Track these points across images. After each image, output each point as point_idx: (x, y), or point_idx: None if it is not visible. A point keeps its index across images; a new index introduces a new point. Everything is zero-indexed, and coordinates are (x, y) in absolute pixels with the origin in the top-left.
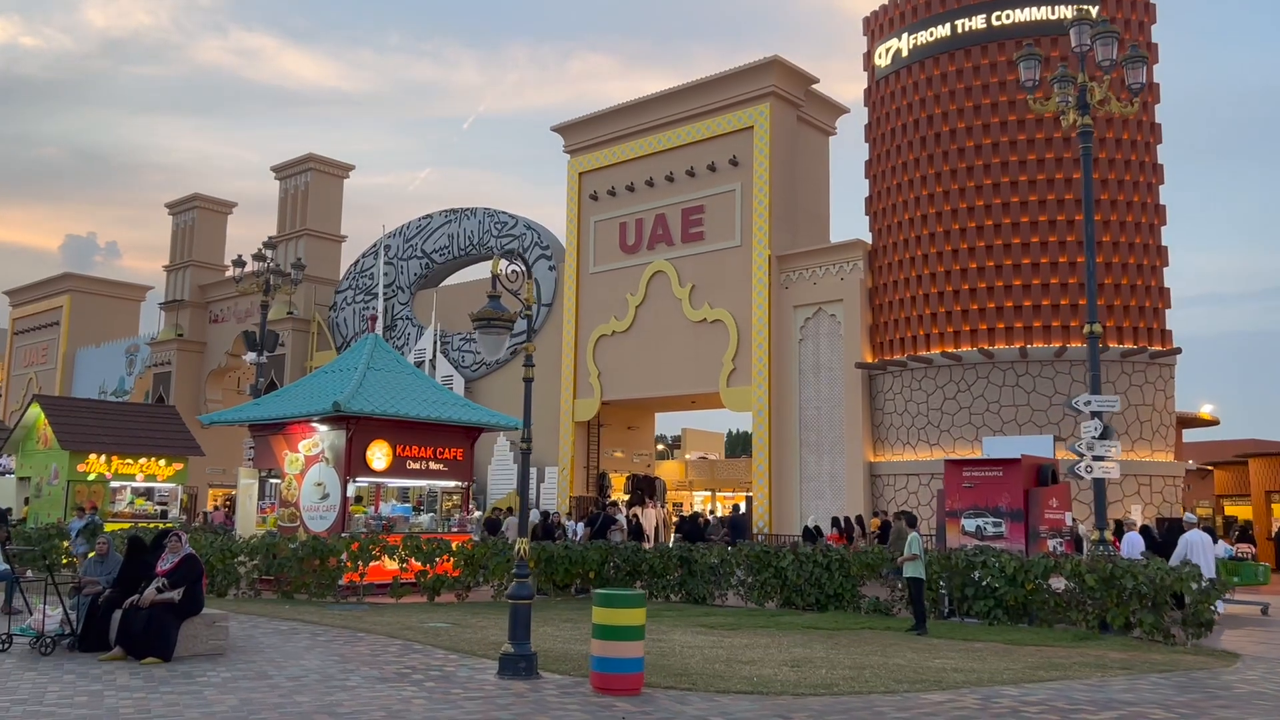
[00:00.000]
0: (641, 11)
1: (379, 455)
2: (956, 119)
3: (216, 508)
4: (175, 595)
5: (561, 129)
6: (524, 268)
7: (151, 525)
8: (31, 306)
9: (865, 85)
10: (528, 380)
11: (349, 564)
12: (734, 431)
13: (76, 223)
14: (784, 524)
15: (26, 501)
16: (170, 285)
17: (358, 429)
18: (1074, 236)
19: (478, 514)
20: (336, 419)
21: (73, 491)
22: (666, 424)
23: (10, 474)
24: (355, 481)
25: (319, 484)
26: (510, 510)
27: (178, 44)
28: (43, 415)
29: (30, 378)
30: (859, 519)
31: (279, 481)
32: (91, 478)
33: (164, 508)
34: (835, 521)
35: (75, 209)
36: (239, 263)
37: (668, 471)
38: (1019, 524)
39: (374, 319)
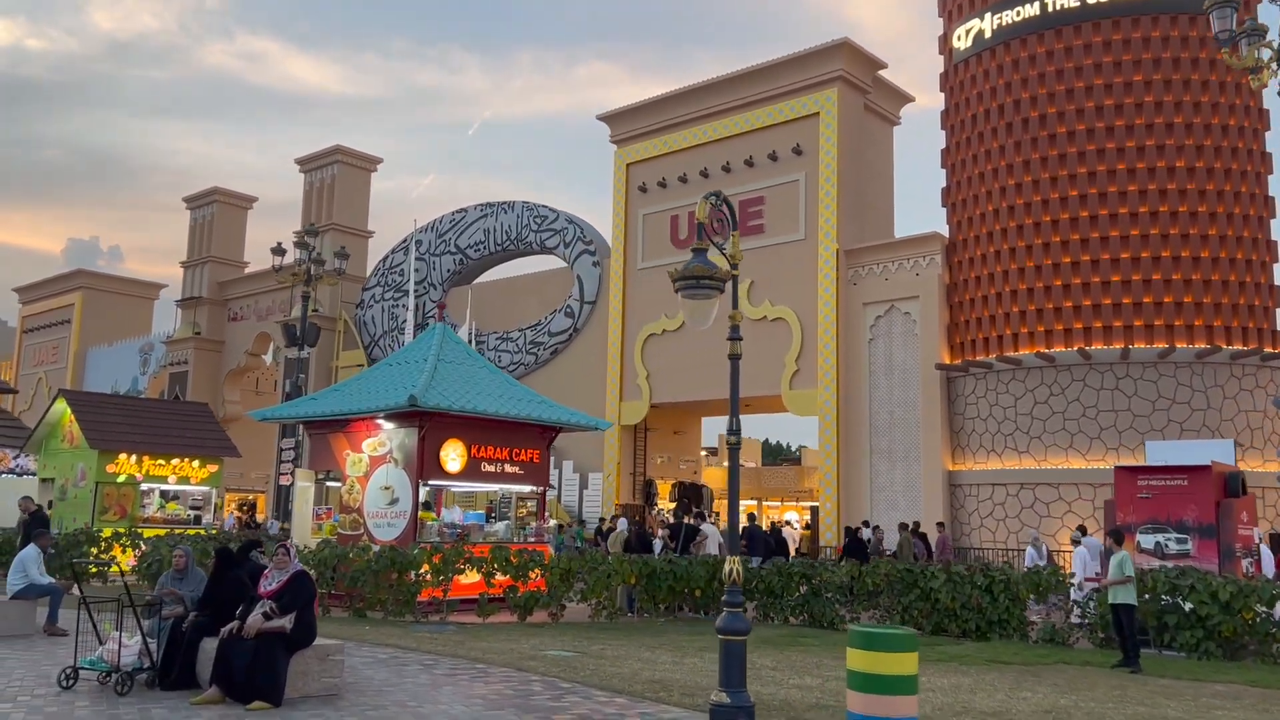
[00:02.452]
0: (647, 18)
1: (453, 456)
2: (1046, 103)
3: (233, 514)
4: (286, 623)
5: (608, 118)
6: (728, 212)
7: (189, 532)
8: (42, 304)
9: (941, 69)
10: (734, 358)
11: (429, 578)
12: (770, 441)
13: (80, 226)
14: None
15: (50, 505)
16: (187, 282)
17: (431, 427)
18: (1176, 229)
19: (553, 522)
20: (406, 416)
21: (101, 494)
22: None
23: (31, 475)
24: (426, 485)
25: (386, 487)
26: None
27: (183, 47)
28: (69, 411)
29: (40, 377)
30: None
31: (338, 485)
32: (121, 479)
33: (197, 513)
34: (849, 532)
35: (78, 212)
36: (278, 250)
37: (709, 480)
38: (1210, 540)
39: (442, 306)
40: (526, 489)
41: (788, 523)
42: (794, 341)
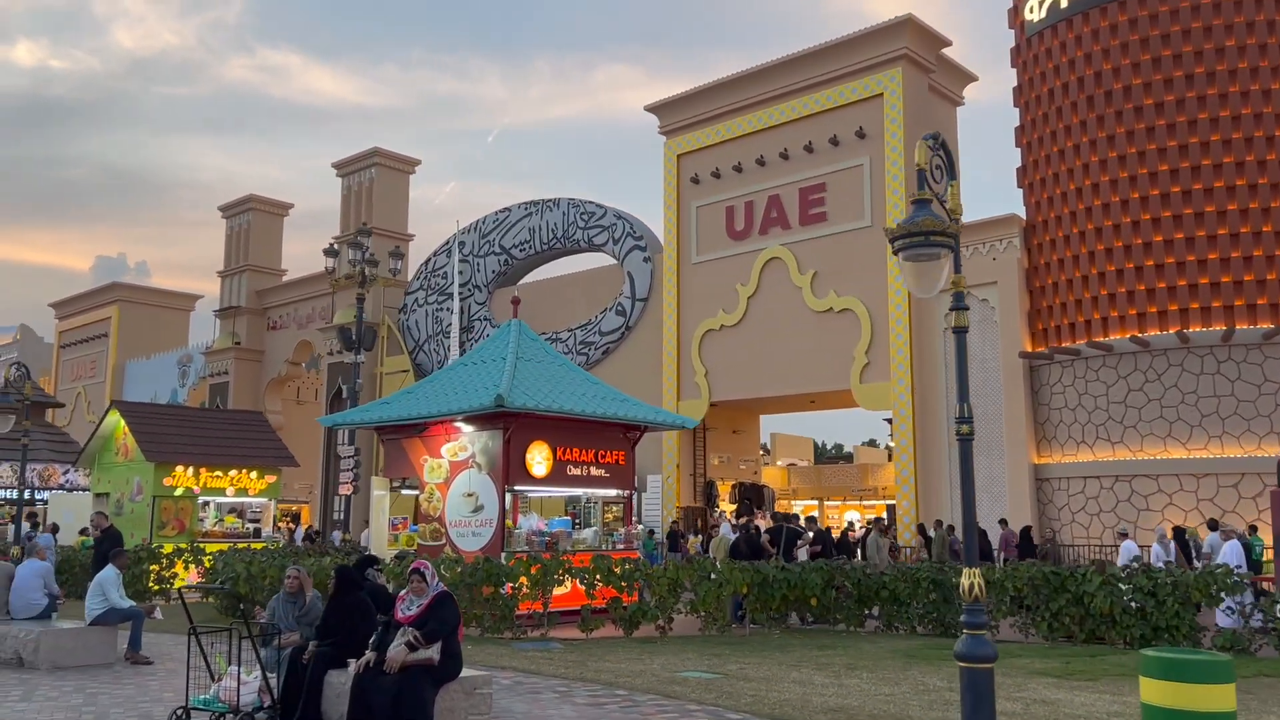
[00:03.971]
0: (662, 21)
1: (539, 459)
2: (1130, 74)
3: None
4: (433, 654)
5: (656, 108)
6: (945, 158)
7: (255, 545)
8: (78, 319)
9: (1013, 43)
10: (959, 330)
11: (525, 590)
12: (820, 444)
13: (107, 243)
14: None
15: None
16: (225, 291)
17: (516, 428)
18: (1278, 202)
19: (640, 527)
20: (489, 418)
21: (159, 508)
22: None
23: (81, 490)
24: (511, 491)
25: (469, 494)
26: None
27: (204, 63)
28: (122, 423)
29: (79, 391)
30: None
31: (415, 493)
32: (179, 493)
33: (256, 525)
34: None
35: (105, 229)
36: (331, 252)
37: (769, 480)
38: None
39: (517, 301)
40: (612, 493)
41: (850, 525)
42: (863, 333)
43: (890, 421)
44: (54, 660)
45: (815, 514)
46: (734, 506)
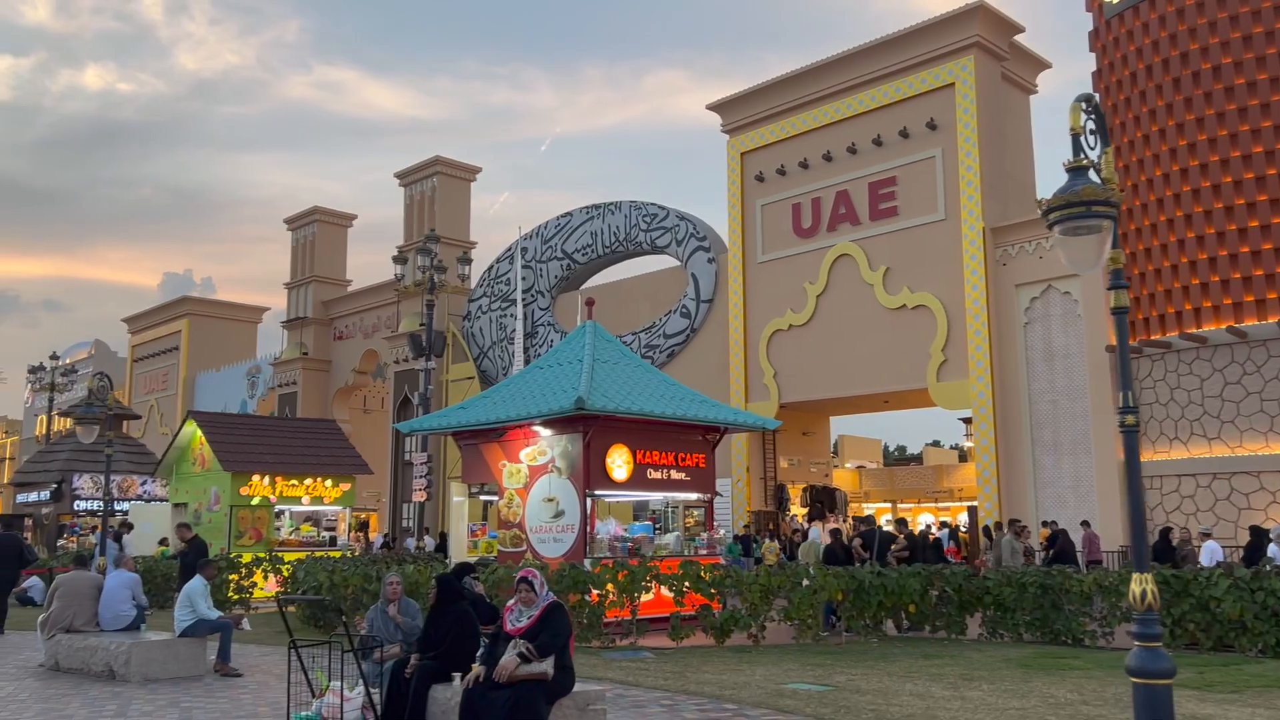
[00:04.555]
0: (712, 25)
1: (619, 463)
2: (1220, 53)
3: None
4: (547, 667)
5: (718, 106)
6: (1098, 121)
7: (333, 554)
8: (150, 333)
9: (1091, 26)
10: (1120, 311)
11: (613, 597)
12: (889, 448)
13: (174, 260)
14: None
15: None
16: (292, 303)
17: (595, 431)
18: None
19: (722, 531)
20: (568, 421)
21: (236, 518)
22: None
23: (159, 501)
24: (592, 495)
25: (549, 499)
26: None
27: (264, 82)
28: (199, 434)
29: (151, 404)
30: (992, 527)
31: (494, 498)
32: (255, 502)
33: (332, 533)
34: (905, 534)
35: (172, 247)
36: (400, 259)
37: (840, 482)
38: None
39: (591, 303)
40: (693, 496)
41: (927, 527)
42: (939, 330)
43: (969, 421)
44: (145, 673)
45: (905, 518)
46: (805, 510)
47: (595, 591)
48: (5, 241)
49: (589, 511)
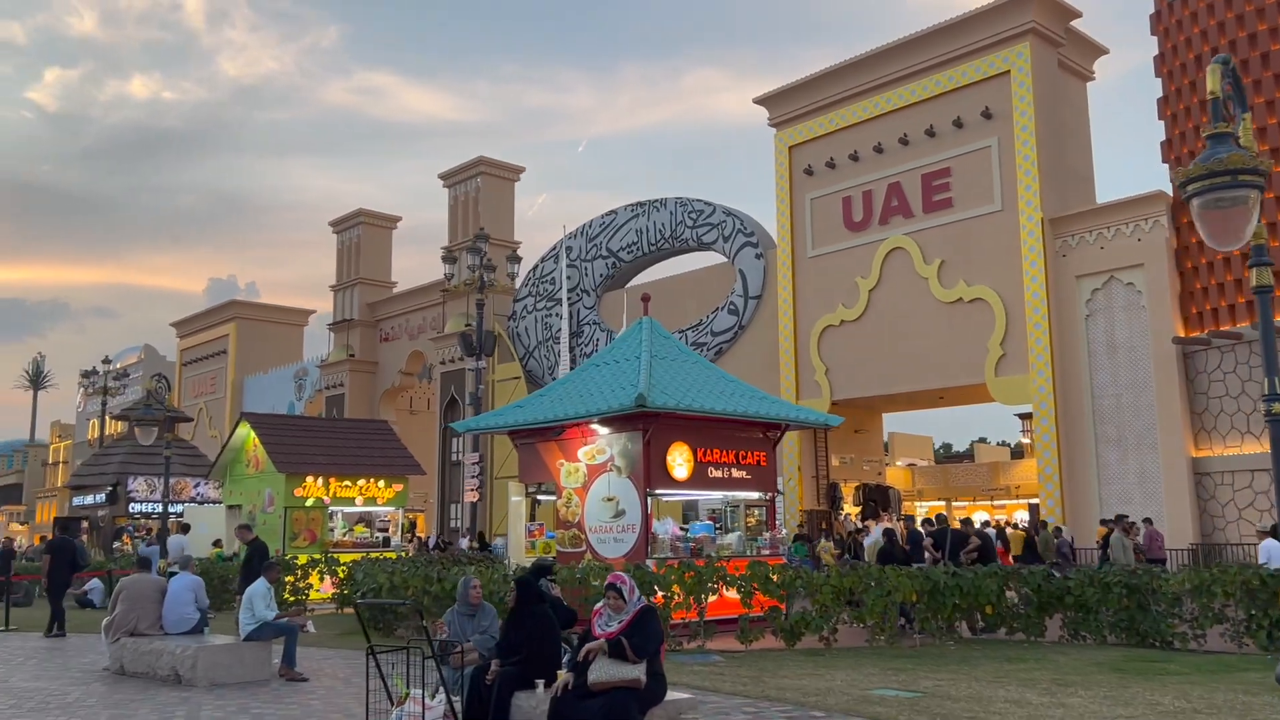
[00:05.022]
0: (749, 23)
1: (680, 462)
2: None
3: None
4: (639, 674)
5: (765, 100)
6: (1235, 86)
7: (387, 555)
8: (198, 336)
9: (1153, 9)
10: (1262, 290)
11: (679, 599)
12: (946, 445)
13: (218, 266)
14: (1082, 534)
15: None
16: (338, 305)
17: (656, 429)
18: None
19: (784, 531)
20: (627, 419)
21: (290, 519)
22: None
23: (212, 503)
24: (653, 494)
25: (609, 499)
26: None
27: (304, 87)
28: (253, 435)
29: (200, 408)
30: (962, 535)
31: (551, 498)
32: (309, 503)
33: (385, 534)
34: (932, 531)
35: (216, 252)
36: (449, 258)
37: (893, 481)
38: None
39: (647, 298)
40: (754, 495)
41: (986, 523)
42: (997, 324)
43: (1028, 417)
44: (211, 677)
45: (976, 516)
46: (858, 509)
47: (660, 593)
48: (56, 250)
49: (649, 511)
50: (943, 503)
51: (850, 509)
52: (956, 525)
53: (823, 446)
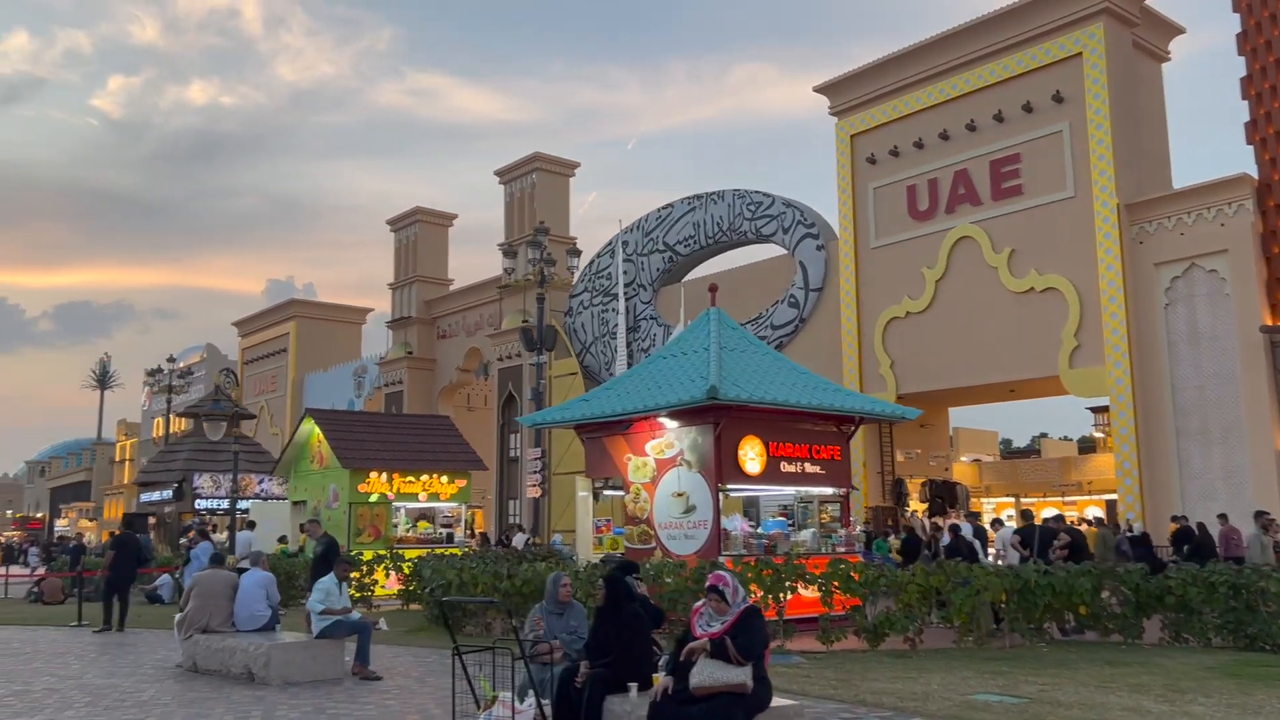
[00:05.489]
0: (796, 15)
1: (752, 456)
2: None
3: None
4: (745, 678)
5: (825, 88)
6: None
7: (451, 550)
8: (259, 336)
9: None
10: None
11: (756, 597)
12: (1005, 441)
13: (276, 267)
14: (1162, 531)
15: (302, 528)
16: (396, 303)
17: (727, 422)
18: None
19: (860, 528)
20: (696, 412)
21: (355, 515)
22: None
23: (276, 499)
24: (724, 490)
25: (679, 494)
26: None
27: (358, 90)
28: (317, 431)
29: (262, 406)
30: (1051, 531)
31: (619, 493)
32: (374, 499)
33: (449, 530)
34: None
35: (274, 254)
36: (509, 252)
37: (959, 476)
38: None
39: (714, 289)
40: (828, 491)
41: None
42: (1071, 314)
43: (1101, 410)
44: (284, 675)
45: (1062, 512)
46: (924, 505)
47: None
48: (120, 253)
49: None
50: (1011, 499)
51: (916, 505)
52: (1040, 521)
53: (888, 441)
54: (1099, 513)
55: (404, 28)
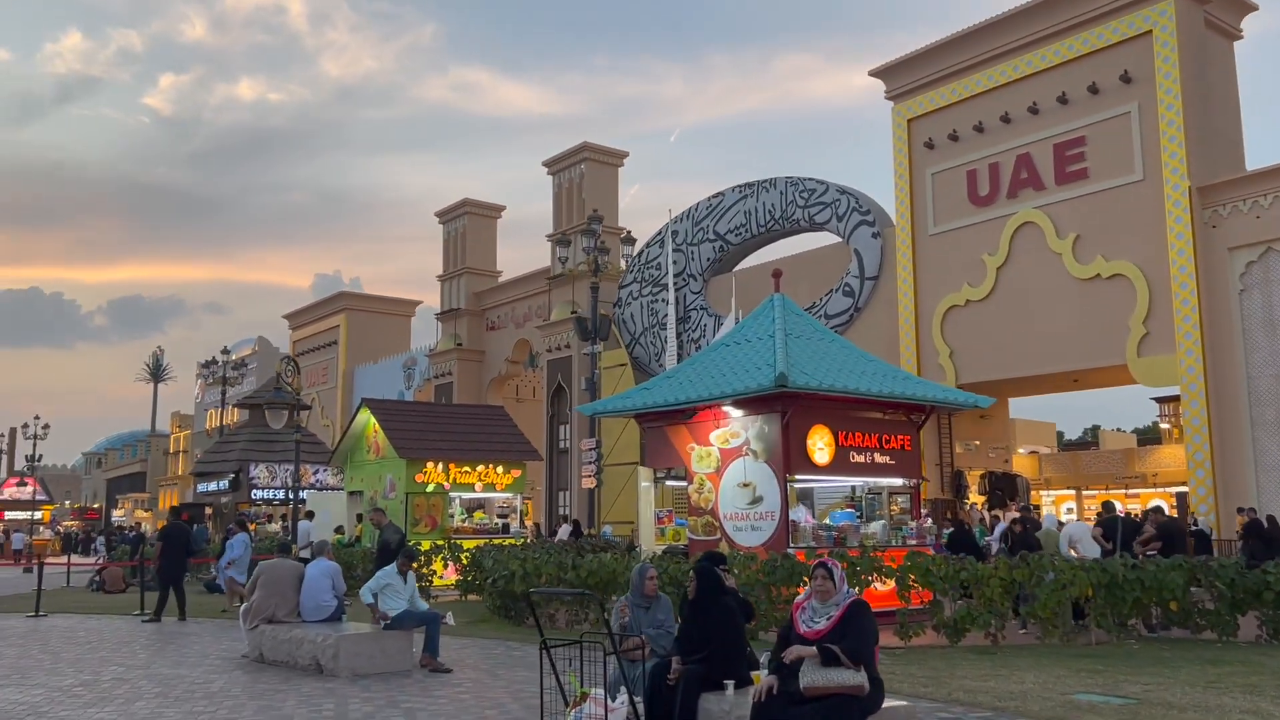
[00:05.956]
0: (839, 4)
1: (820, 446)
2: None
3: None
4: (862, 680)
5: (881, 72)
6: None
7: (509, 541)
8: (310, 328)
9: None
10: None
11: None
12: (1062, 435)
13: (324, 261)
14: (1233, 525)
15: (359, 519)
16: (445, 295)
17: (795, 411)
18: None
19: (929, 522)
20: (762, 401)
21: (412, 505)
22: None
23: (332, 489)
24: (792, 481)
25: (745, 484)
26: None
27: (402, 85)
28: (373, 421)
29: (313, 398)
30: (1135, 520)
31: (681, 483)
32: (430, 489)
33: (505, 520)
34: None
35: (321, 249)
36: (562, 241)
37: (1020, 468)
38: None
39: (779, 274)
40: (898, 482)
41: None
42: (1139, 301)
43: (1167, 400)
44: (353, 667)
45: (1161, 502)
46: (984, 498)
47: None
48: (171, 249)
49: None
50: (1071, 491)
51: (975, 498)
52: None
53: (946, 433)
54: (1160, 504)
55: (445, 23)
